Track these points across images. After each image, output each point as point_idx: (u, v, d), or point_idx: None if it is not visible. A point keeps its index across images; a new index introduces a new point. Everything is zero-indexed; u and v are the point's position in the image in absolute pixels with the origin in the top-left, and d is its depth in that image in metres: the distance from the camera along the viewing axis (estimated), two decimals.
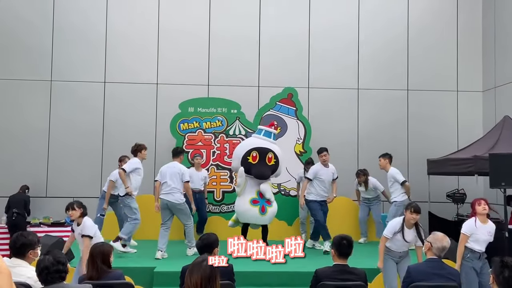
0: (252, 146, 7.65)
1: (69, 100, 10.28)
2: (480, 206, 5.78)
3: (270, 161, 7.57)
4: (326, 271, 4.45)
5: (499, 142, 8.10)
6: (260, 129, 8.09)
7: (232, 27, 10.57)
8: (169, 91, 10.30)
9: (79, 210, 5.70)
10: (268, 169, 7.55)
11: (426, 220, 9.17)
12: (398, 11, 10.91)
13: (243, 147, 7.82)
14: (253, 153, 7.54)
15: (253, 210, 7.43)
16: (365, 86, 10.69)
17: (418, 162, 10.09)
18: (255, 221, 7.56)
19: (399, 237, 5.59)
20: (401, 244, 5.66)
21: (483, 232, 5.70)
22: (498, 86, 10.31)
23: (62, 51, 10.35)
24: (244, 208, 7.50)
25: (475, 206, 5.86)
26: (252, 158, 7.52)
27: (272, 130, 8.00)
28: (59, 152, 10.17)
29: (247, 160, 7.54)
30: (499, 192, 8.06)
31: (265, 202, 7.48)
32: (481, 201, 5.84)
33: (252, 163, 7.51)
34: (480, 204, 5.80)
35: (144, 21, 10.56)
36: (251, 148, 7.61)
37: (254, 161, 7.50)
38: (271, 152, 7.61)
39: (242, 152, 7.68)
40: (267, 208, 7.45)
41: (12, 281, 2.86)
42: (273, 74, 10.44)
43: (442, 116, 10.78)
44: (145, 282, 6.32)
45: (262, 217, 7.43)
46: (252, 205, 7.44)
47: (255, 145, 7.66)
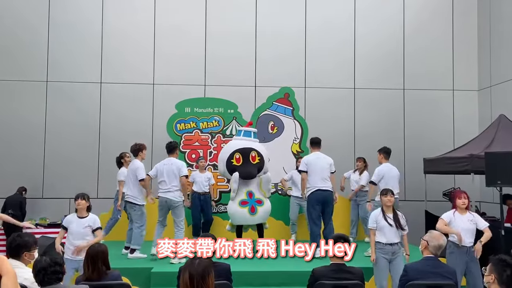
0: (234, 148, 7.67)
1: (65, 101, 10.26)
2: (460, 200, 5.83)
3: (254, 159, 7.58)
4: (323, 270, 4.47)
5: (495, 141, 8.12)
6: (239, 130, 8.15)
7: (229, 26, 10.57)
8: (165, 91, 10.30)
9: (88, 203, 5.82)
10: (253, 168, 7.56)
11: (422, 219, 9.20)
12: (393, 10, 10.93)
13: (225, 151, 7.83)
14: (236, 155, 7.55)
15: (242, 211, 7.44)
16: (361, 85, 10.72)
17: (414, 161, 10.11)
18: (245, 222, 7.57)
19: (384, 223, 5.70)
20: (389, 232, 5.71)
21: (462, 220, 5.75)
22: (494, 85, 10.35)
23: (58, 51, 10.33)
24: (234, 210, 7.53)
25: (455, 199, 5.93)
26: (236, 160, 7.54)
27: (251, 129, 8.07)
28: (55, 153, 10.15)
29: (231, 163, 7.57)
30: (495, 191, 8.09)
31: (255, 201, 7.50)
32: (462, 195, 5.87)
33: (237, 165, 7.52)
34: (460, 198, 5.84)
35: (140, 21, 10.56)
36: (234, 151, 7.62)
37: (238, 162, 7.53)
38: (254, 150, 7.62)
39: (226, 155, 7.69)
40: (257, 208, 7.45)
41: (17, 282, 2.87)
42: (270, 74, 10.46)
43: (438, 115, 10.81)
44: (142, 283, 6.33)
45: (252, 217, 7.44)
46: (241, 207, 7.45)
47: (237, 146, 7.68)
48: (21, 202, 9.28)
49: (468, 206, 5.85)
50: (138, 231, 7.49)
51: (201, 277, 3.00)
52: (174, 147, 7.64)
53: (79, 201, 5.77)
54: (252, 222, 7.54)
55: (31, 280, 3.54)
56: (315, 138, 7.82)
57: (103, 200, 9.66)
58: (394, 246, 5.74)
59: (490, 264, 3.50)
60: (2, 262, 2.84)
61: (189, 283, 2.99)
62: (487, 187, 7.21)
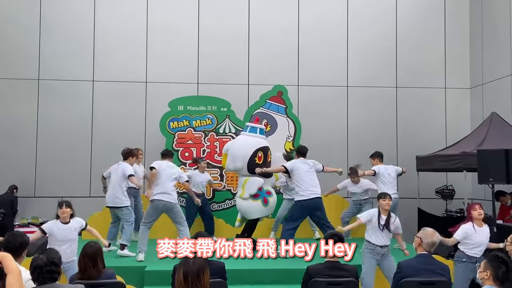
0: (258, 147, 7.81)
1: (57, 99, 10.20)
2: (476, 211, 5.88)
3: (268, 157, 7.87)
4: (317, 268, 4.49)
5: (487, 139, 8.18)
6: (253, 127, 8.17)
7: (221, 24, 10.55)
8: (158, 90, 10.27)
9: (71, 210, 5.80)
10: (270, 167, 7.80)
11: (415, 217, 9.24)
12: (386, 8, 10.95)
13: (244, 148, 7.82)
14: (259, 154, 7.75)
15: (257, 204, 7.63)
16: (354, 83, 10.74)
17: (407, 159, 10.14)
18: (261, 214, 7.75)
19: (376, 224, 5.81)
20: (380, 234, 5.82)
21: (481, 235, 5.81)
22: (486, 83, 10.41)
23: (50, 49, 10.26)
24: (249, 206, 7.66)
25: (470, 211, 5.99)
26: (258, 159, 7.72)
27: (258, 125, 8.23)
28: (47, 152, 10.09)
29: (254, 161, 7.69)
30: (487, 188, 8.13)
31: (265, 193, 7.68)
32: (476, 206, 5.95)
33: (258, 163, 7.68)
34: (475, 210, 5.90)
35: (133, 18, 10.51)
36: (257, 149, 7.77)
37: (260, 161, 7.72)
38: (269, 149, 7.93)
39: (248, 153, 7.73)
40: (268, 199, 7.68)
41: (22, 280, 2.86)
42: (263, 72, 10.45)
43: (430, 113, 10.86)
44: (136, 281, 6.31)
45: (266, 208, 7.68)
46: (255, 200, 7.63)
47: (260, 145, 7.85)
48: (12, 201, 9.23)
49: (484, 218, 5.92)
50: (130, 228, 7.51)
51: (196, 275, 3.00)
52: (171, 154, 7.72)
53: (64, 209, 5.74)
54: (266, 213, 7.78)
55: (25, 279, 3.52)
56: (302, 149, 7.61)
57: (95, 198, 9.62)
58: (384, 248, 5.84)
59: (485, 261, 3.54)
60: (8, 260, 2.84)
61: (183, 281, 2.99)
62: (479, 184, 7.26)
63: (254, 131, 8.08)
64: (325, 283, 4.39)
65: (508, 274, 3.43)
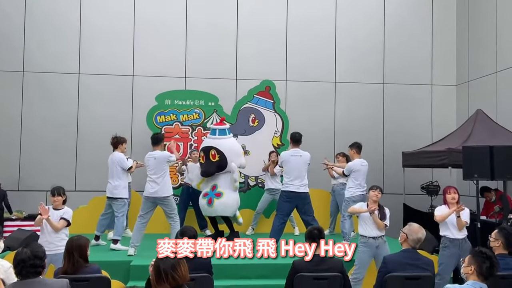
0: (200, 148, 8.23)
1: (42, 92, 10.05)
2: (450, 195, 5.96)
3: (214, 157, 7.86)
4: (303, 263, 4.49)
5: (472, 135, 8.25)
6: (213, 128, 8.24)
7: (210, 18, 10.48)
8: (145, 83, 10.17)
9: (64, 196, 5.87)
10: (212, 165, 7.84)
11: (401, 212, 9.32)
12: (374, 5, 10.97)
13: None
14: (201, 153, 8.03)
15: (203, 202, 7.90)
16: (341, 79, 10.76)
17: (393, 155, 10.23)
18: (204, 213, 8.06)
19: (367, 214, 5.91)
20: (371, 225, 5.90)
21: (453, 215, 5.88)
22: (471, 80, 10.51)
23: (35, 41, 10.10)
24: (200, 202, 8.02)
25: (445, 194, 6.08)
26: (201, 159, 7.98)
27: (218, 126, 8.24)
28: (32, 145, 9.95)
29: (199, 161, 8.12)
30: (471, 184, 8.24)
31: (214, 194, 7.80)
32: (451, 189, 6.01)
33: (202, 162, 7.97)
34: (450, 193, 5.97)
35: (119, 11, 10.37)
36: (200, 150, 8.20)
37: (203, 160, 7.92)
38: (213, 149, 7.87)
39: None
40: (213, 200, 7.76)
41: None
42: (251, 67, 10.41)
43: (416, 109, 10.93)
44: (122, 276, 6.29)
45: (209, 209, 7.81)
46: (203, 198, 7.93)
47: (202, 146, 8.18)
48: (4, 195, 9.12)
49: (458, 200, 5.97)
50: (121, 221, 7.47)
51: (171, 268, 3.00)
52: (160, 138, 7.56)
53: (55, 197, 5.78)
54: (209, 213, 7.93)
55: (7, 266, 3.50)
56: (296, 135, 7.64)
57: (81, 192, 9.55)
58: (377, 239, 5.87)
59: (469, 256, 3.58)
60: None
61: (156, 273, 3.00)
62: (464, 180, 7.34)
63: (213, 133, 8.13)
64: (311, 278, 4.41)
65: (492, 269, 3.47)
